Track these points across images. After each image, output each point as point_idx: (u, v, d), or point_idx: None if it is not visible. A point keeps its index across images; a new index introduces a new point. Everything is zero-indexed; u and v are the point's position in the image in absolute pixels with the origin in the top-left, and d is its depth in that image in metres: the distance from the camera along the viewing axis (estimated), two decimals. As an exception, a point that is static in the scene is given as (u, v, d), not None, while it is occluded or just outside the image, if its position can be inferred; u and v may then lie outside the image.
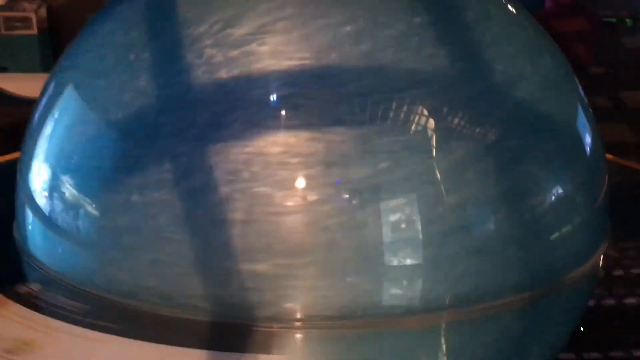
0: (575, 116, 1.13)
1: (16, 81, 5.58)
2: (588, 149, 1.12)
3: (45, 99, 1.17)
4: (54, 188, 1.05)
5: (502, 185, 0.97)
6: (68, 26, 8.17)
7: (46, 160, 1.08)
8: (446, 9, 1.06)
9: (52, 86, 1.17)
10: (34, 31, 8.48)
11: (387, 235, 0.91)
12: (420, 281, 0.92)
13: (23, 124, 1.31)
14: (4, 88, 4.44)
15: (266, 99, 0.91)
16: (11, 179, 1.22)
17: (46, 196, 1.06)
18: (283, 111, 0.91)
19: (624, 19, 4.71)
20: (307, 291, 0.89)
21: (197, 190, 0.91)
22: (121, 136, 0.99)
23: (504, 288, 0.95)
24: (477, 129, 0.97)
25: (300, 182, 0.90)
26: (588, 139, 1.13)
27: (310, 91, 0.91)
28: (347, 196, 0.91)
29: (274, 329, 0.89)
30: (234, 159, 0.89)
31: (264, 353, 0.86)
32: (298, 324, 0.89)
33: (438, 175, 0.92)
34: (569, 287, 1.05)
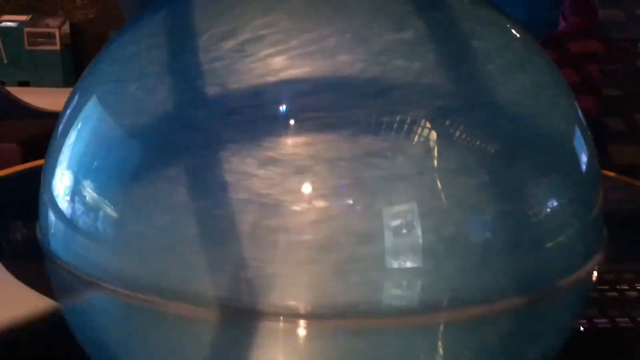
0: (571, 132, 1.18)
1: (39, 95, 5.72)
2: (583, 164, 1.18)
3: (69, 110, 1.24)
4: (76, 191, 1.12)
5: (499, 194, 1.02)
6: (90, 42, 8.34)
7: (69, 165, 1.15)
8: (446, 25, 1.12)
9: (76, 97, 1.25)
10: (57, 47, 8.66)
11: (388, 238, 0.96)
12: (418, 282, 0.97)
13: (45, 136, 1.38)
14: (27, 102, 4.57)
15: (275, 106, 0.97)
16: (33, 185, 1.29)
17: (68, 199, 1.13)
18: (291, 119, 0.97)
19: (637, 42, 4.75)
20: (311, 288, 0.94)
21: (209, 190, 0.95)
22: (138, 142, 1.05)
23: (499, 292, 1.00)
24: (475, 141, 1.02)
25: (307, 187, 0.96)
26: (583, 155, 1.18)
27: (315, 100, 0.97)
28: (351, 201, 0.97)
29: (280, 324, 0.95)
30: (245, 162, 0.95)
31: (268, 347, 0.92)
32: (302, 320, 0.95)
33: (437, 183, 0.98)
34: (563, 294, 1.09)
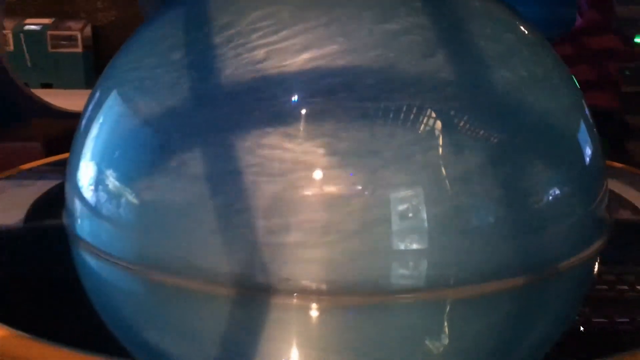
0: (576, 125, 1.21)
1: (61, 96, 5.82)
2: (587, 155, 1.21)
3: (91, 106, 1.29)
4: (99, 180, 1.17)
5: (504, 180, 1.05)
6: (111, 44, 8.45)
7: (92, 157, 1.21)
8: (459, 26, 1.15)
9: (97, 94, 1.30)
10: (79, 49, 8.80)
11: (397, 220, 1.00)
12: (426, 262, 1.01)
13: (67, 135, 1.44)
14: (50, 103, 4.66)
15: (289, 94, 1.02)
16: (56, 178, 1.35)
17: (92, 187, 1.18)
18: (303, 108, 1.01)
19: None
20: (324, 266, 0.98)
21: (224, 174, 1.00)
22: (157, 131, 1.10)
23: (504, 271, 1.03)
24: (482, 131, 1.05)
25: (318, 172, 1.00)
26: (587, 146, 1.21)
27: (327, 93, 1.01)
28: (360, 187, 1.01)
29: (293, 300, 0.97)
30: (259, 147, 1.00)
31: (282, 322, 0.96)
32: (315, 297, 0.99)
33: (445, 169, 1.01)
34: (565, 275, 1.12)
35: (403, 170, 0.98)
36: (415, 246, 0.99)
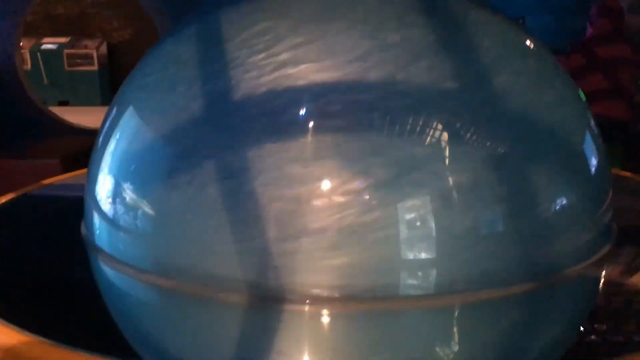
0: (582, 135, 1.24)
1: (78, 114, 5.92)
2: (592, 166, 1.22)
3: (108, 121, 1.34)
4: (117, 192, 1.21)
5: (512, 189, 1.07)
6: (126, 62, 8.56)
7: (110, 170, 1.25)
8: (463, 38, 1.18)
9: (114, 109, 1.35)
10: (95, 67, 8.93)
11: (406, 229, 1.03)
12: (434, 269, 1.04)
13: (84, 152, 1.48)
14: (67, 120, 4.74)
15: (298, 109, 1.05)
16: (75, 191, 1.40)
17: (110, 200, 1.22)
18: (313, 120, 1.05)
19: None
20: (334, 274, 1.02)
21: (237, 187, 1.02)
22: (171, 146, 1.12)
23: (511, 278, 1.05)
24: (487, 141, 1.08)
25: (327, 183, 1.03)
26: (593, 157, 1.23)
27: (335, 102, 1.05)
28: (368, 197, 1.04)
29: (306, 307, 0.99)
30: (269, 162, 1.02)
31: (294, 329, 0.99)
32: (326, 303, 1.02)
33: (452, 179, 1.04)
34: (573, 281, 1.14)
35: (410, 180, 1.01)
36: (424, 254, 1.02)
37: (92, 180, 1.27)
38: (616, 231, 1.27)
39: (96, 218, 1.24)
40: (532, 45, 1.26)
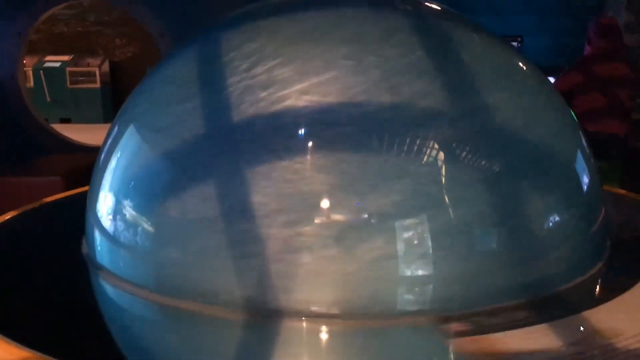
0: (574, 155, 1.26)
1: (80, 131, 5.96)
2: (584, 184, 1.24)
3: (110, 139, 1.36)
4: (117, 210, 1.23)
5: (506, 208, 1.10)
6: (129, 80, 8.64)
7: (111, 188, 1.27)
8: (456, 57, 1.21)
9: (116, 128, 1.37)
10: (97, 85, 9.01)
11: (402, 247, 1.05)
12: (431, 286, 1.06)
13: (86, 169, 1.50)
14: (69, 137, 4.77)
15: (296, 128, 1.07)
16: (76, 209, 1.41)
17: (111, 217, 1.24)
18: (310, 140, 1.07)
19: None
20: (331, 291, 1.04)
21: (236, 205, 1.04)
22: (172, 164, 1.15)
23: (506, 294, 1.07)
24: (485, 161, 1.10)
25: (325, 202, 1.06)
26: (585, 176, 1.25)
27: (333, 125, 1.07)
28: (366, 215, 1.06)
29: (304, 325, 1.00)
30: (269, 180, 1.03)
31: (291, 345, 1.00)
32: (323, 320, 1.00)
33: (448, 198, 1.06)
34: (566, 297, 1.15)
35: (405, 199, 1.03)
36: (420, 272, 1.03)
37: (94, 197, 1.29)
38: (609, 248, 1.29)
39: (97, 235, 1.26)
40: (523, 65, 1.29)
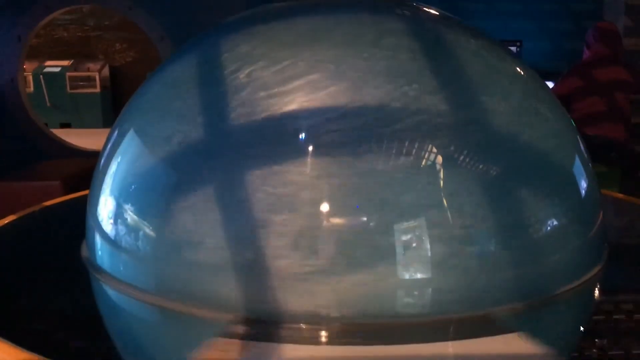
0: (572, 160, 1.26)
1: (80, 136, 5.95)
2: (582, 188, 1.25)
3: (109, 144, 1.37)
4: (117, 214, 1.23)
5: (505, 212, 1.10)
6: (128, 85, 8.63)
7: (111, 192, 1.27)
8: (454, 62, 1.21)
9: (116, 132, 1.37)
10: (97, 90, 9.00)
11: (401, 251, 1.05)
12: (430, 289, 1.06)
13: (85, 174, 1.50)
14: (69, 142, 4.77)
15: (294, 133, 1.08)
16: (76, 214, 1.42)
17: (111, 221, 1.25)
18: (310, 144, 1.07)
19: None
20: (330, 296, 1.04)
21: (237, 210, 1.04)
22: (172, 168, 1.15)
23: (505, 297, 1.06)
24: (485, 166, 1.10)
25: (325, 205, 1.06)
26: (582, 180, 1.26)
27: (328, 127, 1.08)
28: (365, 219, 1.06)
29: (303, 328, 1.00)
30: (269, 185, 1.03)
31: (289, 350, 1.00)
32: (322, 325, 1.00)
33: (447, 202, 1.06)
34: (564, 300, 1.15)
35: (407, 203, 1.03)
36: (419, 275, 1.03)
37: (94, 201, 1.30)
38: (607, 251, 1.29)
39: (97, 239, 1.26)
40: (521, 69, 1.29)
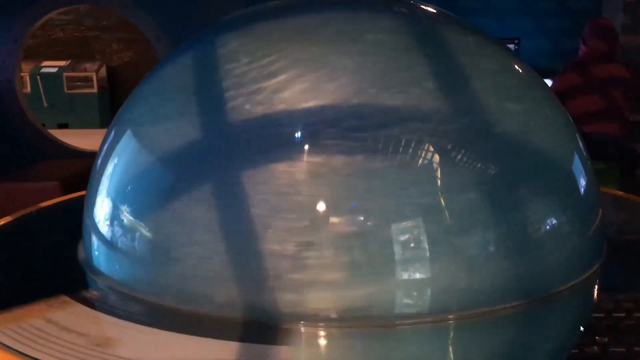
0: (571, 157, 1.26)
1: (77, 136, 5.95)
2: (581, 186, 1.25)
3: (106, 144, 1.36)
4: (114, 215, 1.22)
5: (503, 210, 1.09)
6: (126, 85, 8.62)
7: (108, 193, 1.26)
8: (453, 61, 1.21)
9: (112, 132, 1.37)
10: (94, 90, 8.99)
11: (400, 250, 1.04)
12: (429, 289, 1.06)
13: (83, 174, 1.49)
14: (66, 142, 4.77)
15: (293, 132, 1.06)
16: (74, 213, 1.41)
17: (108, 222, 1.24)
18: (308, 144, 1.06)
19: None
20: (329, 296, 1.04)
21: (235, 210, 1.04)
22: (169, 169, 1.14)
23: (505, 296, 1.05)
24: (482, 164, 1.09)
25: (322, 205, 1.05)
26: (581, 177, 1.25)
27: (326, 128, 1.07)
28: (362, 218, 1.06)
29: (302, 328, 1.00)
30: (267, 185, 1.02)
31: (290, 350, 1.00)
32: (321, 324, 1.00)
33: (445, 201, 1.05)
34: (564, 298, 1.15)
35: (404, 201, 1.03)
36: (418, 274, 1.03)
37: (90, 202, 1.29)
38: (607, 249, 1.29)
39: (94, 240, 1.25)
40: (519, 67, 1.29)
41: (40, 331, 1.01)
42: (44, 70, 8.80)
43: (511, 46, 6.40)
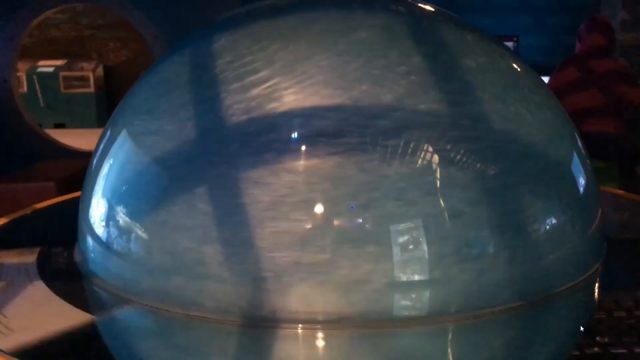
0: (571, 157, 1.25)
1: (74, 136, 5.92)
2: (581, 186, 1.24)
3: (102, 144, 1.34)
4: (110, 217, 1.21)
5: (503, 212, 1.08)
6: (123, 84, 8.59)
7: (103, 194, 1.25)
8: (452, 62, 1.19)
9: (108, 132, 1.35)
10: (91, 89, 8.95)
11: (398, 252, 1.02)
12: (427, 291, 1.04)
13: (80, 174, 1.49)
14: (63, 142, 4.75)
15: (288, 133, 1.06)
16: (69, 215, 1.40)
17: (103, 224, 1.22)
18: (303, 145, 1.05)
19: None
20: (327, 298, 1.02)
21: (230, 212, 1.03)
22: (165, 169, 1.13)
23: (505, 296, 1.04)
24: (481, 165, 1.08)
25: (319, 206, 1.04)
26: (581, 177, 1.25)
27: (324, 127, 1.06)
28: (361, 220, 1.04)
29: (299, 331, 0.99)
30: (263, 186, 1.01)
31: (286, 353, 0.99)
32: (319, 327, 0.99)
33: (444, 202, 1.04)
34: (563, 299, 1.14)
35: (402, 204, 1.01)
36: (417, 276, 1.02)
37: (86, 203, 1.28)
38: (606, 248, 1.28)
39: (89, 241, 1.24)
40: (518, 65, 1.28)
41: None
42: (41, 69, 8.76)
43: (510, 44, 6.39)
